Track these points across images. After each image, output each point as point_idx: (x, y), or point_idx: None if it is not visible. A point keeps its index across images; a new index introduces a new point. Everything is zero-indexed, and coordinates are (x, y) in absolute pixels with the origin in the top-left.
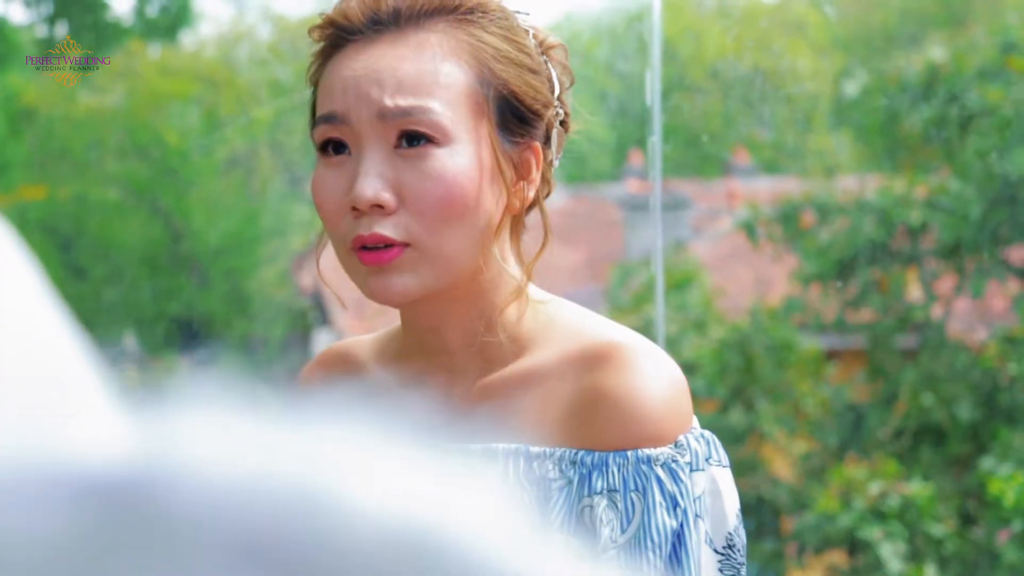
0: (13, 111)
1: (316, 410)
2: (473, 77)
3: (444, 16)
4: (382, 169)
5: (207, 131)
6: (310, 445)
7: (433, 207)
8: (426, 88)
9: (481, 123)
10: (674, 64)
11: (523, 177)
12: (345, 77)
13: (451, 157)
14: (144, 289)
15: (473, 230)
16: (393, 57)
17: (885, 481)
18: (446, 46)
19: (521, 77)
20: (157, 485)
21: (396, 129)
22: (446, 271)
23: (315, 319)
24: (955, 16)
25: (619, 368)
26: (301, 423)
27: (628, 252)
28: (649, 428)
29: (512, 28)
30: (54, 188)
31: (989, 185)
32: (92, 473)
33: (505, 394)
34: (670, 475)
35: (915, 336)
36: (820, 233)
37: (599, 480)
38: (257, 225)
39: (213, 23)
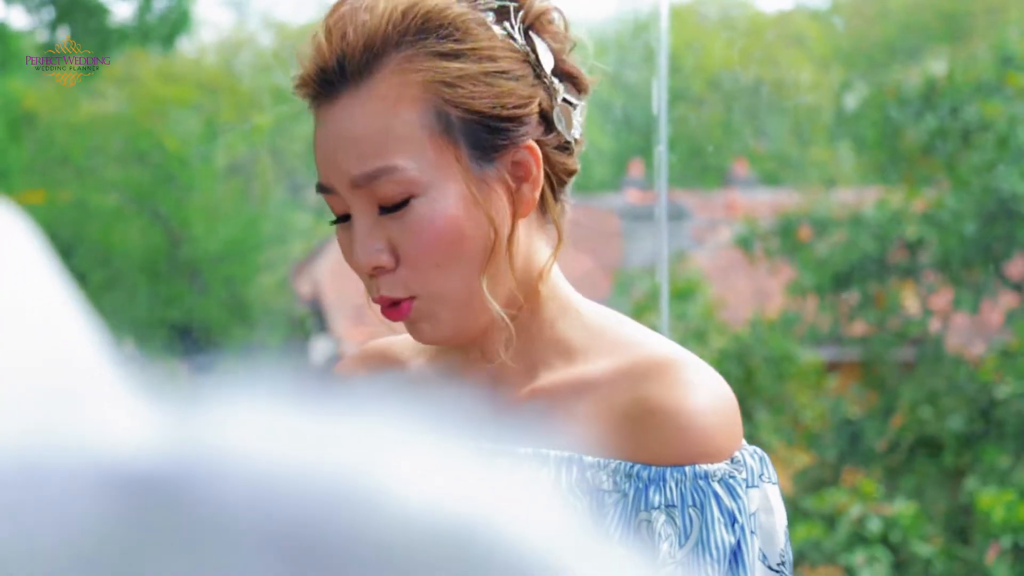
0: (13, 116)
1: (357, 403)
2: (430, 115)
3: (389, 53)
4: (373, 233)
5: (207, 137)
6: (350, 438)
7: (424, 258)
8: (386, 147)
9: (450, 158)
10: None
11: (523, 180)
12: (319, 148)
13: (429, 205)
14: (143, 295)
15: (472, 265)
16: (349, 121)
17: (865, 504)
18: (395, 92)
19: (484, 90)
20: (194, 477)
21: (370, 195)
22: (462, 310)
23: (314, 326)
24: (956, 30)
25: (675, 383)
26: (341, 416)
27: (627, 262)
28: (707, 444)
29: (466, 34)
30: (54, 193)
31: (986, 200)
32: (127, 465)
33: (555, 400)
34: (728, 491)
35: (913, 349)
36: (817, 246)
37: (656, 495)
38: (257, 232)
39: (214, 30)
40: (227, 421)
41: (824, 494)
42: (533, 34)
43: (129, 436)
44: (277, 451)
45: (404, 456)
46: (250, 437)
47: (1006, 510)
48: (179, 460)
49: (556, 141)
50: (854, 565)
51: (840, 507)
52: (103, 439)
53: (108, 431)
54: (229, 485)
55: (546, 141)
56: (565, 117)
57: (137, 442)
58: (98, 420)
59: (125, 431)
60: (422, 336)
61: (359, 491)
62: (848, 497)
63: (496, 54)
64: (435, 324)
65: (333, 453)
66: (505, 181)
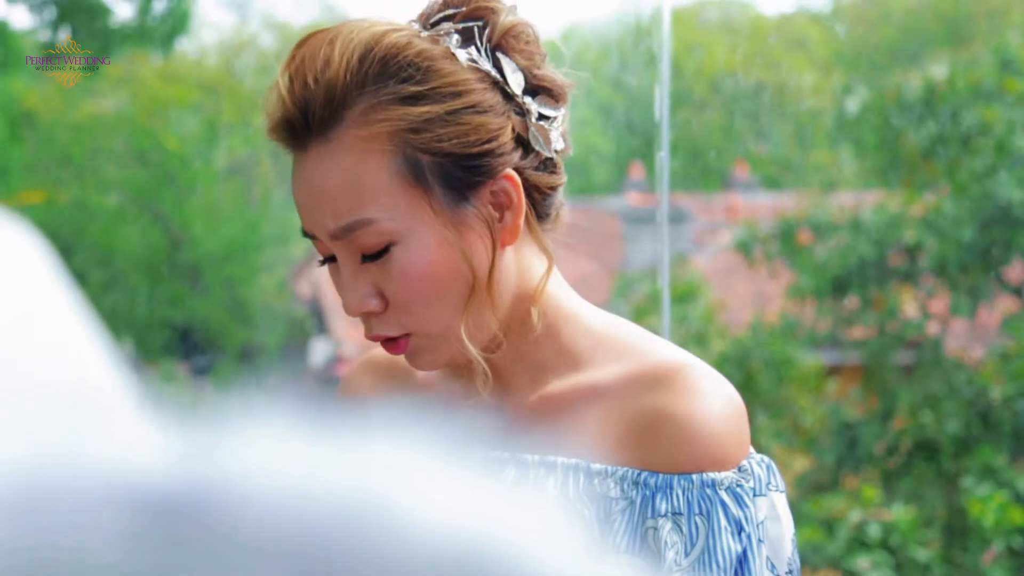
0: (14, 116)
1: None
2: (399, 164)
3: (353, 101)
4: (358, 279)
5: (208, 138)
6: (362, 459)
7: (412, 300)
8: (358, 200)
9: (422, 204)
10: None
11: (505, 209)
12: (297, 198)
13: (407, 252)
14: (143, 296)
15: (460, 298)
16: (319, 175)
17: (864, 509)
18: (360, 144)
19: (451, 130)
20: (208, 499)
21: (352, 244)
22: (461, 340)
23: (313, 328)
24: (957, 34)
25: (684, 391)
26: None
27: (629, 264)
28: (714, 452)
29: (428, 72)
30: (54, 193)
31: (984, 206)
32: (142, 487)
33: (563, 408)
34: (735, 499)
35: (912, 353)
36: (817, 250)
37: (663, 502)
38: (257, 233)
39: (215, 30)
40: (241, 442)
41: (822, 499)
42: (500, 55)
43: (144, 458)
44: (291, 472)
45: (416, 477)
46: (264, 459)
47: (997, 513)
48: (194, 482)
49: (535, 161)
50: (857, 569)
51: (838, 512)
52: (119, 460)
53: (124, 453)
54: (243, 507)
55: (524, 165)
56: (542, 135)
57: (152, 464)
58: (114, 441)
59: (141, 453)
60: (423, 366)
61: (372, 512)
62: (847, 502)
63: (461, 88)
64: (434, 355)
65: (346, 474)
66: (485, 215)
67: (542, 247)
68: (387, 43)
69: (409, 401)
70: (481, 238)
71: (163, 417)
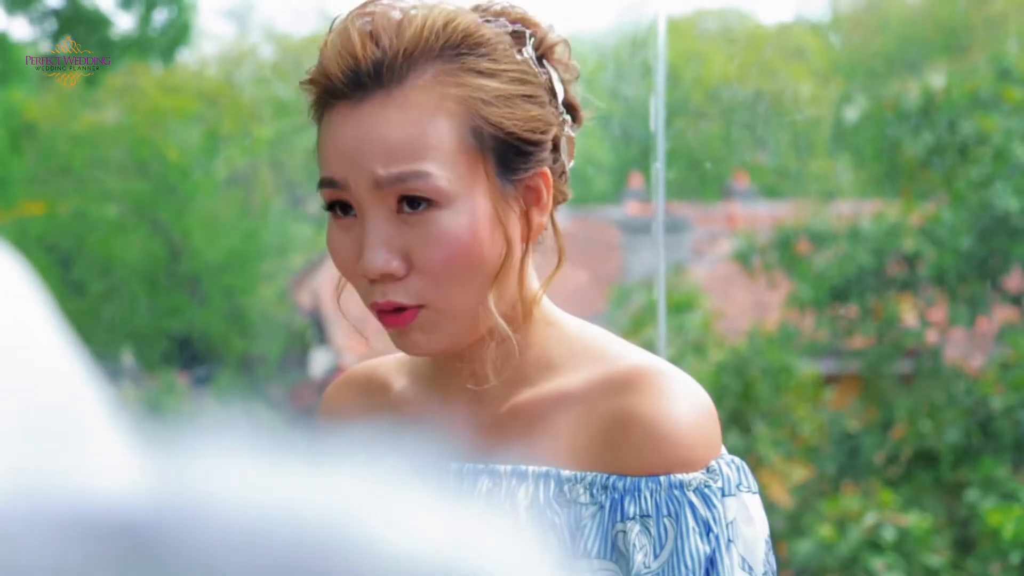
0: (14, 126)
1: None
2: (465, 130)
3: (428, 63)
4: (387, 236)
5: (208, 149)
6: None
7: (442, 270)
8: (418, 152)
9: (479, 174)
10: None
11: (533, 204)
12: (336, 145)
13: (454, 217)
14: (143, 306)
15: (484, 281)
16: (380, 123)
17: (880, 512)
18: (433, 102)
19: (516, 112)
20: (179, 523)
21: (394, 194)
22: (466, 324)
23: (313, 338)
24: (955, 43)
25: (650, 393)
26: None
27: (627, 274)
28: (681, 453)
29: (502, 55)
30: (54, 204)
31: (982, 215)
32: (111, 510)
33: (535, 416)
34: (703, 500)
35: (911, 362)
36: (816, 260)
37: (631, 505)
38: (257, 243)
39: (216, 42)
40: (213, 466)
41: (838, 499)
42: (546, 63)
43: (115, 481)
44: (261, 497)
45: (387, 500)
46: (235, 483)
47: (1016, 526)
48: (164, 506)
49: (560, 169)
50: (874, 570)
51: (852, 513)
52: (88, 484)
53: (94, 475)
54: (214, 531)
55: (553, 169)
56: (569, 146)
57: (123, 487)
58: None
59: (111, 476)
60: (415, 347)
61: (343, 537)
62: (861, 504)
63: (527, 77)
64: (432, 336)
65: (317, 498)
66: (520, 204)
67: (560, 248)
68: (467, 19)
69: (386, 416)
70: (517, 223)
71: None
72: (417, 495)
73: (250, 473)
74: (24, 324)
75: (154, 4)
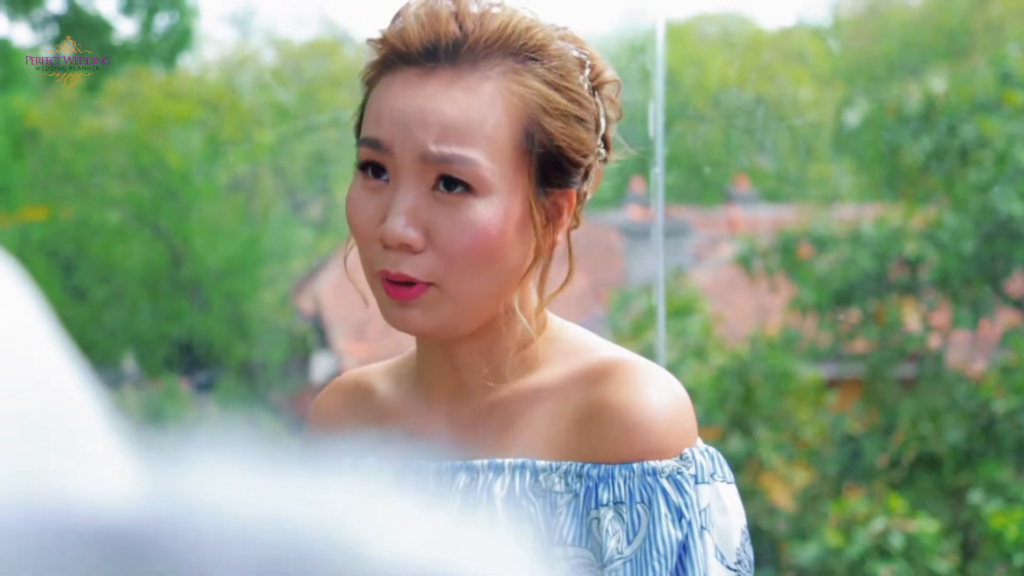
0: (17, 132)
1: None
2: (520, 131)
3: (502, 58)
4: (416, 208)
5: (209, 154)
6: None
7: (461, 255)
8: (472, 137)
9: (520, 176)
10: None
11: (555, 220)
12: (393, 108)
13: (486, 208)
14: (145, 311)
15: (497, 278)
16: (444, 99)
17: (888, 518)
18: (498, 96)
19: (568, 130)
20: (174, 532)
21: (436, 171)
22: (465, 313)
23: (315, 343)
24: (956, 47)
25: (623, 382)
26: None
27: (628, 279)
28: (653, 441)
29: (567, 73)
30: (56, 210)
31: (984, 219)
32: (100, 520)
33: (512, 410)
34: (675, 487)
35: (913, 366)
36: (817, 264)
37: (605, 492)
38: (258, 249)
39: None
40: (208, 474)
41: (843, 502)
42: (598, 95)
43: (111, 490)
44: (255, 505)
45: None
46: (229, 491)
47: (1020, 528)
48: (159, 515)
49: (583, 196)
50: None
51: (859, 517)
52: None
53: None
54: (208, 541)
55: (579, 194)
56: (596, 178)
57: (119, 496)
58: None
59: (107, 484)
60: (409, 322)
61: (336, 546)
62: (868, 508)
63: (583, 102)
64: (430, 315)
65: (310, 508)
66: (546, 216)
67: (571, 264)
68: (546, 30)
69: (371, 422)
70: (543, 230)
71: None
72: (404, 501)
73: (244, 481)
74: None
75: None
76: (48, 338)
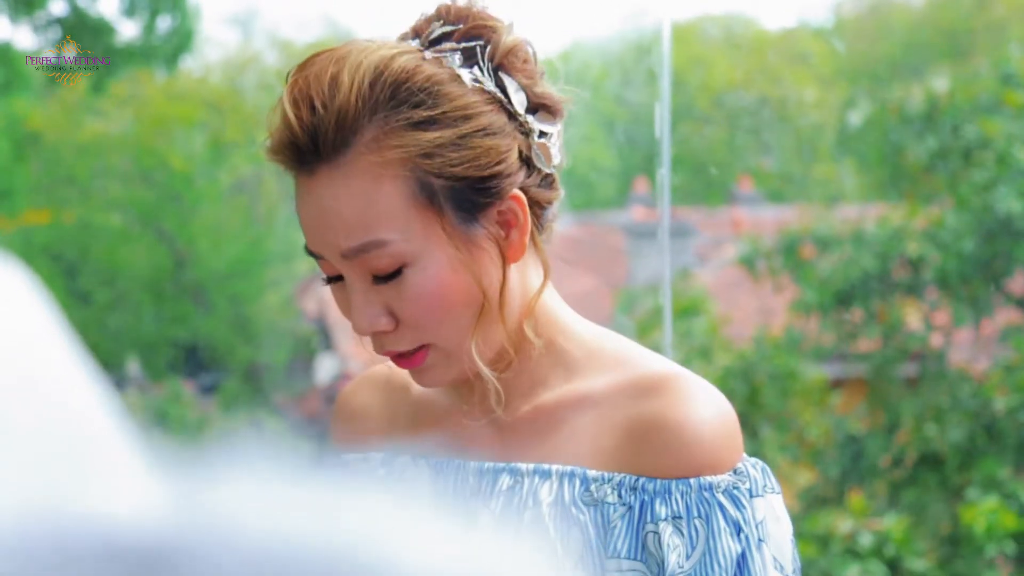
0: (19, 136)
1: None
2: (413, 188)
3: (363, 127)
4: (368, 299)
5: (213, 157)
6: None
7: (426, 320)
8: (371, 222)
9: (436, 226)
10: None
11: (511, 228)
12: (303, 219)
13: (423, 272)
14: (148, 314)
15: (476, 314)
16: (330, 198)
17: (855, 519)
18: (373, 169)
19: (463, 154)
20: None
21: (361, 264)
22: (471, 355)
23: (319, 344)
24: (958, 48)
25: (677, 398)
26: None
27: (633, 279)
28: (709, 456)
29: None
30: (59, 213)
31: (985, 219)
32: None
33: (556, 418)
34: (732, 502)
35: (916, 366)
36: (820, 264)
37: (663, 507)
38: (262, 251)
39: (220, 48)
40: (231, 491)
41: (818, 516)
42: (503, 74)
43: (135, 506)
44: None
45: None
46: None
47: (988, 522)
48: (183, 531)
49: (538, 179)
50: None
51: (833, 527)
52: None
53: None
54: (232, 556)
55: (529, 183)
56: (543, 153)
57: (143, 513)
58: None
59: (131, 501)
60: (429, 381)
61: (361, 561)
62: (839, 514)
63: (470, 112)
64: (445, 369)
65: (334, 523)
66: (493, 234)
67: (542, 259)
68: (396, 67)
69: (406, 415)
70: (491, 257)
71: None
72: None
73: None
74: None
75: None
76: (61, 344)
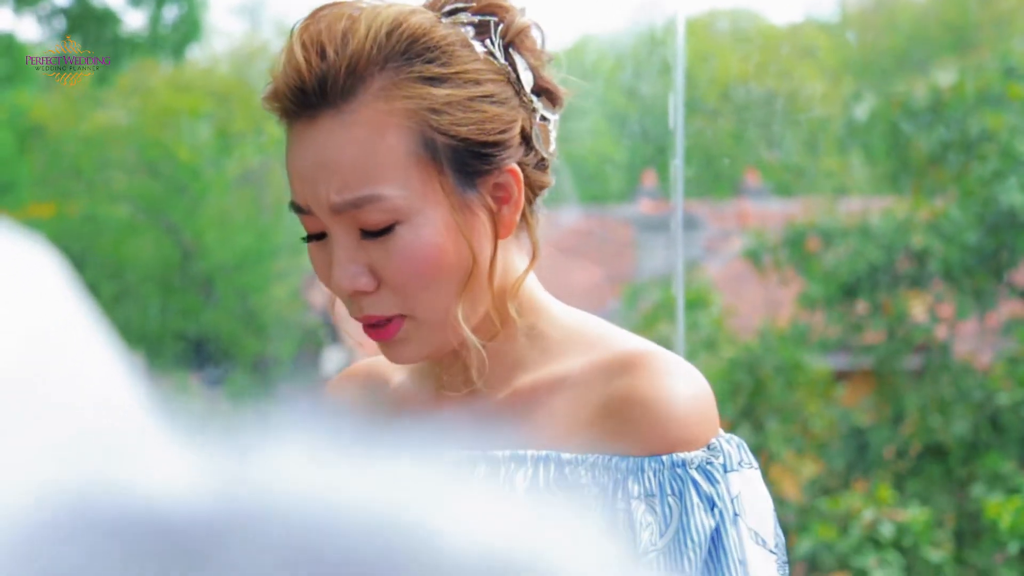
0: (23, 128)
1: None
2: (417, 142)
3: (374, 75)
4: (353, 255)
5: (220, 148)
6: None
7: (411, 283)
8: (371, 175)
9: (435, 185)
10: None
11: (504, 203)
12: (295, 169)
13: (414, 232)
14: (155, 307)
15: (460, 285)
16: (331, 146)
17: (878, 508)
18: (381, 118)
19: (470, 116)
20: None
21: (352, 218)
22: (449, 329)
23: (326, 337)
24: (964, 41)
25: (648, 374)
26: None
27: (641, 272)
28: (682, 432)
29: (454, 57)
30: (64, 206)
31: (990, 210)
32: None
33: (532, 401)
34: (705, 477)
35: (921, 358)
36: (825, 257)
37: (635, 485)
38: (269, 242)
39: (227, 38)
40: (268, 464)
41: (838, 498)
42: (513, 51)
43: (171, 481)
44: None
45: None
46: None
47: (1013, 517)
48: (222, 505)
49: (534, 159)
50: (866, 567)
51: (853, 511)
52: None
53: (150, 476)
54: (272, 529)
55: (526, 161)
56: (543, 134)
57: (179, 488)
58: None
59: (167, 476)
60: (400, 356)
61: (403, 532)
62: (862, 501)
63: (480, 77)
64: (416, 346)
65: (376, 493)
66: (487, 204)
67: (532, 241)
68: (414, 23)
69: (386, 409)
70: (483, 227)
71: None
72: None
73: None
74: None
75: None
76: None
